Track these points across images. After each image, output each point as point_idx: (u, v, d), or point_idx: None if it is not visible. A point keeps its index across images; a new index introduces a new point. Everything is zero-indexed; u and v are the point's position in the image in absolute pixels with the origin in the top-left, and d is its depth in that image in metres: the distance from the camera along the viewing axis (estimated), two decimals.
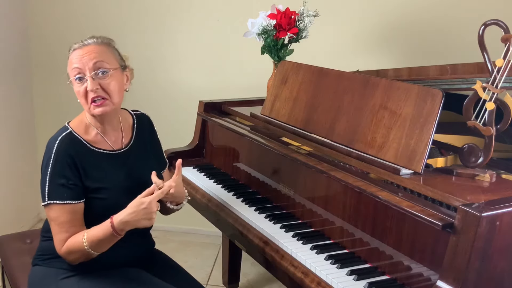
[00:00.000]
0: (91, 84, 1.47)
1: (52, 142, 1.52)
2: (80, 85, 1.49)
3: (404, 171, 1.46)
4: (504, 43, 1.43)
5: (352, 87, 1.73)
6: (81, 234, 1.47)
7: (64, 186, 1.47)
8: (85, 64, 1.48)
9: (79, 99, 1.53)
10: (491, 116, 1.43)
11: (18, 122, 3.19)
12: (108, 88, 1.49)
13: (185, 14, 3.04)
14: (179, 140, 2.48)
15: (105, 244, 1.46)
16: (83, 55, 1.49)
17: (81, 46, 1.52)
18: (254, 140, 1.97)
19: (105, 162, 1.56)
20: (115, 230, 1.42)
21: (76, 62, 1.49)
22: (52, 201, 1.47)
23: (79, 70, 1.49)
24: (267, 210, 1.81)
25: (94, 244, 1.45)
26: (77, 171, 1.49)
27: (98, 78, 1.49)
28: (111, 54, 1.54)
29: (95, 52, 1.50)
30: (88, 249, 1.45)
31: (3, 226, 2.82)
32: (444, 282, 1.18)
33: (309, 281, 1.43)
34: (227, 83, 3.03)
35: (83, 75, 1.48)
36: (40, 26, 3.21)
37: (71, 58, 1.52)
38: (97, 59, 1.49)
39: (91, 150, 1.55)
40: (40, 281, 1.58)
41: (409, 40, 2.73)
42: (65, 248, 1.48)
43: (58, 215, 1.48)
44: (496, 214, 1.17)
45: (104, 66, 1.49)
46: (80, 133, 1.55)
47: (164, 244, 1.79)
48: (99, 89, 1.48)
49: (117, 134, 1.63)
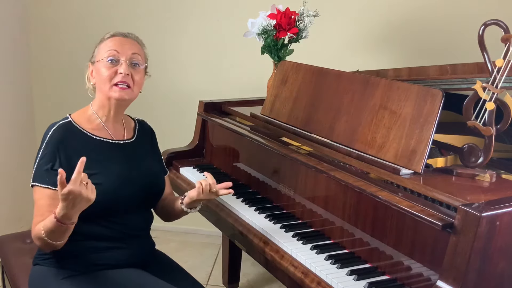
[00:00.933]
0: (125, 68, 1.55)
1: (49, 128, 1.56)
2: (109, 67, 1.55)
3: (404, 171, 1.46)
4: (504, 43, 1.43)
5: (352, 87, 1.73)
6: (42, 222, 1.42)
7: (48, 171, 1.49)
8: (124, 51, 1.57)
9: (98, 80, 1.57)
10: (491, 116, 1.43)
11: (18, 122, 3.19)
12: (135, 78, 1.58)
13: (185, 14, 3.04)
14: (179, 140, 2.49)
15: (59, 235, 1.40)
16: (124, 43, 1.59)
17: (123, 35, 1.62)
18: (254, 140, 1.97)
19: (103, 149, 1.58)
20: (60, 222, 1.35)
21: (115, 46, 1.57)
22: (35, 183, 1.50)
23: (116, 53, 1.56)
24: (267, 210, 1.81)
25: (48, 233, 1.39)
26: (67, 160, 1.49)
27: (131, 66, 1.57)
28: (144, 53, 1.65)
29: (135, 45, 1.61)
30: (46, 238, 1.40)
31: (3, 226, 2.82)
32: (444, 282, 1.18)
33: (309, 281, 1.43)
34: (227, 83, 3.03)
35: (117, 58, 1.56)
36: (40, 26, 3.22)
37: (109, 41, 1.59)
38: (135, 52, 1.59)
39: (89, 137, 1.57)
40: (40, 280, 1.58)
41: (409, 40, 2.73)
42: (33, 234, 1.47)
43: (38, 197, 1.49)
44: (496, 214, 1.17)
45: (139, 60, 1.60)
46: (80, 122, 1.59)
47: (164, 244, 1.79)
48: (129, 75, 1.56)
49: (119, 128, 1.66)
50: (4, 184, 3.03)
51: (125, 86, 1.55)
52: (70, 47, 3.17)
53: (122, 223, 1.57)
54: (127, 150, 1.64)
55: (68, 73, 3.18)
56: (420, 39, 2.70)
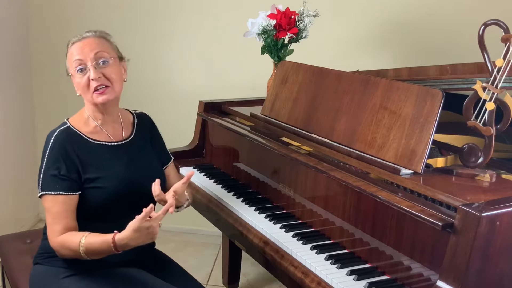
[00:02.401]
0: (94, 73, 1.52)
1: (49, 136, 1.56)
2: (81, 76, 1.54)
3: (404, 171, 1.46)
4: (504, 43, 1.43)
5: (352, 87, 1.73)
6: (79, 235, 1.46)
7: (56, 177, 1.50)
8: (87, 55, 1.53)
9: (80, 91, 1.56)
10: (491, 116, 1.43)
11: (18, 122, 3.19)
12: (110, 76, 1.55)
13: (185, 14, 3.04)
14: (179, 140, 2.48)
15: (100, 255, 1.46)
16: (84, 47, 1.55)
17: (80, 39, 1.57)
18: (254, 140, 1.97)
19: (103, 152, 1.59)
20: (115, 248, 1.41)
21: (77, 54, 1.54)
22: (45, 192, 1.50)
23: (80, 61, 1.54)
24: (267, 210, 1.81)
25: (90, 251, 1.45)
26: (71, 164, 1.51)
27: (99, 67, 1.54)
28: (109, 45, 1.60)
29: (95, 43, 1.56)
30: (82, 254, 1.45)
31: (3, 226, 2.82)
32: (444, 282, 1.18)
33: (309, 281, 1.43)
34: (227, 83, 3.03)
35: (84, 66, 1.53)
36: (40, 26, 3.21)
37: (71, 51, 1.57)
38: (97, 50, 1.54)
39: (89, 142, 1.58)
40: (41, 279, 1.59)
41: (409, 40, 2.73)
42: (60, 242, 1.48)
43: (50, 205, 1.50)
44: (496, 214, 1.17)
45: (104, 56, 1.56)
46: (79, 127, 1.59)
47: (164, 244, 1.79)
48: (102, 77, 1.54)
49: (117, 127, 1.66)
50: (4, 184, 3.03)
51: (103, 88, 1.54)
52: None
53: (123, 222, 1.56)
54: (127, 150, 1.64)
55: None
56: (420, 39, 2.69)
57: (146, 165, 1.65)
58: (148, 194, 1.64)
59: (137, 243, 1.41)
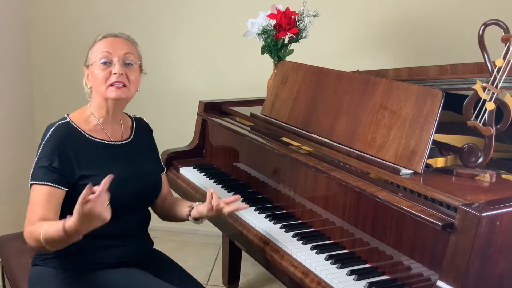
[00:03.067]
0: (118, 68, 1.55)
1: (48, 128, 1.56)
2: (104, 68, 1.55)
3: (404, 171, 1.46)
4: (504, 43, 1.43)
5: (352, 87, 1.73)
6: (43, 224, 1.39)
7: (47, 168, 1.49)
8: (116, 51, 1.56)
9: (95, 83, 1.57)
10: (491, 116, 1.43)
11: (18, 122, 3.19)
12: (131, 78, 1.58)
13: (185, 14, 3.04)
14: (179, 140, 2.48)
15: (60, 245, 1.39)
16: (115, 44, 1.58)
17: (113, 35, 1.61)
18: (254, 140, 1.97)
19: (101, 150, 1.58)
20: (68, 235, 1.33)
21: (106, 47, 1.57)
22: (33, 181, 1.49)
23: (108, 54, 1.56)
24: (267, 210, 1.81)
25: (49, 241, 1.37)
26: (66, 159, 1.50)
27: (124, 66, 1.57)
28: (137, 52, 1.65)
29: (126, 44, 1.61)
30: (44, 244, 1.38)
31: (3, 226, 2.82)
32: (444, 282, 1.18)
33: (309, 281, 1.43)
34: (227, 83, 3.03)
35: (110, 60, 1.56)
36: (40, 26, 3.21)
37: (101, 43, 1.59)
38: (127, 51, 1.59)
39: (87, 139, 1.58)
40: (39, 281, 1.58)
41: (409, 40, 2.73)
42: (28, 231, 1.42)
43: (35, 196, 1.47)
44: (496, 214, 1.17)
45: (131, 59, 1.59)
46: (78, 122, 1.59)
47: (164, 244, 1.79)
48: (123, 75, 1.56)
49: (117, 128, 1.66)
50: (4, 184, 3.03)
51: (121, 85, 1.55)
52: (70, 47, 3.16)
53: (120, 222, 1.55)
54: (125, 151, 1.64)
55: (68, 73, 3.18)
56: (420, 39, 2.70)
57: (143, 166, 1.65)
58: (144, 195, 1.64)
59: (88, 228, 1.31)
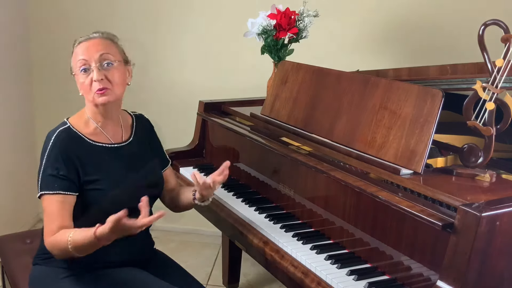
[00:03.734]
0: (97, 74, 1.52)
1: (49, 136, 1.56)
2: (85, 77, 1.54)
3: (404, 171, 1.46)
4: (504, 43, 1.43)
5: (352, 87, 1.73)
6: (67, 232, 1.44)
7: (55, 176, 1.49)
8: (91, 56, 1.53)
9: (82, 91, 1.57)
10: (491, 116, 1.43)
11: (18, 122, 3.19)
12: (113, 79, 1.55)
13: (185, 15, 3.04)
14: (179, 140, 2.48)
15: (88, 250, 1.43)
16: (89, 47, 1.55)
17: (86, 39, 1.58)
18: (254, 140, 1.97)
19: (103, 154, 1.58)
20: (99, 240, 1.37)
21: (82, 54, 1.54)
22: (44, 191, 1.50)
23: (84, 61, 1.53)
24: (267, 210, 1.81)
25: (77, 247, 1.42)
26: (71, 165, 1.51)
27: (103, 69, 1.54)
28: (115, 48, 1.60)
29: (101, 45, 1.56)
30: (72, 250, 1.43)
31: (3, 226, 2.82)
32: (444, 282, 1.18)
33: (309, 281, 1.43)
34: (227, 83, 3.03)
35: (88, 66, 1.53)
36: (40, 26, 3.21)
37: (77, 51, 1.57)
38: (103, 51, 1.54)
39: (89, 143, 1.57)
40: (40, 280, 1.59)
41: (409, 40, 2.73)
42: (51, 241, 1.47)
43: (48, 205, 1.49)
44: (496, 214, 1.17)
45: (109, 58, 1.55)
46: (79, 127, 1.58)
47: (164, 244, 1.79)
48: (104, 79, 1.53)
49: (117, 129, 1.66)
50: (4, 184, 3.03)
51: (103, 91, 1.53)
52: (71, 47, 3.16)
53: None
54: (126, 152, 1.64)
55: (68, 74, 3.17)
56: (420, 39, 2.70)
57: (144, 167, 1.65)
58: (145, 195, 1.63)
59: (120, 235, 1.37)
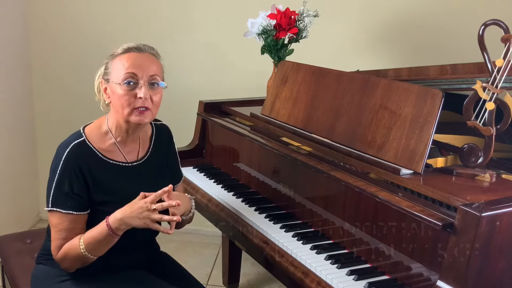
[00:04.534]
0: (145, 92, 1.44)
1: (63, 148, 1.47)
2: (127, 90, 1.44)
3: (404, 171, 1.46)
4: (504, 43, 1.43)
5: (352, 87, 1.73)
6: (76, 238, 1.44)
7: (68, 195, 1.45)
8: (144, 73, 1.45)
9: (117, 103, 1.46)
10: (491, 116, 1.43)
11: (19, 122, 3.19)
12: (155, 100, 1.47)
13: (185, 14, 3.04)
14: (179, 140, 2.47)
15: (101, 246, 1.43)
16: (142, 63, 1.46)
17: (138, 51, 1.49)
18: (254, 140, 1.97)
19: (116, 174, 1.52)
20: (110, 229, 1.39)
21: (133, 67, 1.44)
22: (55, 208, 1.45)
23: (133, 75, 1.44)
24: (267, 210, 1.81)
25: (91, 246, 1.42)
26: (84, 183, 1.46)
27: (150, 87, 1.46)
28: (162, 70, 1.53)
29: (153, 64, 1.49)
30: (85, 252, 1.42)
31: (3, 226, 2.82)
32: (444, 282, 1.18)
33: (309, 281, 1.43)
34: (227, 83, 3.03)
35: (136, 81, 1.45)
36: (41, 26, 3.21)
37: (124, 59, 1.46)
38: (155, 72, 1.47)
39: (103, 161, 1.50)
40: (42, 279, 1.58)
41: (409, 40, 2.73)
42: (61, 254, 1.46)
43: (59, 222, 1.46)
44: (496, 214, 1.17)
45: (158, 80, 1.48)
46: (94, 141, 1.50)
47: (164, 244, 1.78)
48: (149, 99, 1.45)
49: (135, 146, 1.58)
50: (4, 184, 3.03)
51: (144, 110, 1.45)
52: (71, 47, 3.16)
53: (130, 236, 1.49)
54: (140, 170, 1.57)
55: (68, 74, 3.18)
56: (420, 39, 2.69)
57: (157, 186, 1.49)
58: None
59: (130, 223, 1.38)
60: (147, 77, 1.45)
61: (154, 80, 1.47)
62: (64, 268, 1.50)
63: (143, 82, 1.44)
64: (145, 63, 1.46)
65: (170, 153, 1.70)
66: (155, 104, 1.48)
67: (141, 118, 1.46)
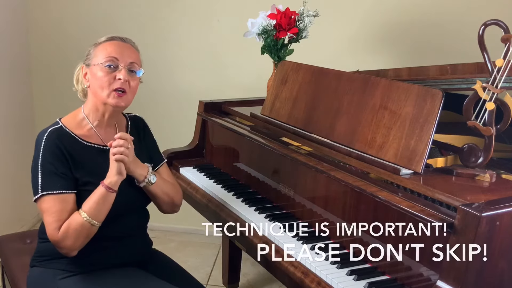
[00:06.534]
0: (124, 74, 1.55)
1: (41, 135, 1.55)
2: (107, 73, 1.54)
3: (404, 171, 1.46)
4: (504, 43, 1.43)
5: (352, 87, 1.73)
6: (75, 213, 1.48)
7: (56, 175, 1.49)
8: (123, 58, 1.56)
9: (97, 84, 1.55)
10: (491, 116, 1.43)
11: (18, 122, 3.19)
12: (132, 85, 1.58)
13: (185, 14, 3.04)
14: (179, 140, 2.48)
15: (102, 206, 1.47)
16: (123, 50, 1.58)
17: (121, 40, 1.61)
18: (254, 140, 1.97)
19: (95, 156, 1.57)
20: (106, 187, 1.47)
21: (114, 52, 1.56)
22: (46, 192, 1.48)
23: (114, 59, 1.55)
24: (267, 210, 1.81)
25: (92, 210, 1.46)
26: (66, 162, 1.51)
27: (129, 74, 1.56)
28: (140, 61, 1.63)
29: (133, 53, 1.61)
30: (87, 218, 1.45)
31: (3, 226, 2.82)
32: (444, 282, 1.18)
33: (309, 281, 1.43)
34: (227, 83, 3.03)
35: (116, 65, 1.55)
36: (40, 26, 3.21)
37: (108, 45, 1.57)
38: (134, 60, 1.59)
39: (81, 144, 1.57)
40: (38, 282, 1.58)
41: (409, 40, 2.72)
42: (62, 231, 1.46)
43: (51, 205, 1.48)
44: (496, 214, 1.17)
45: (136, 68, 1.59)
46: (71, 127, 1.58)
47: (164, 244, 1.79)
48: (127, 82, 1.55)
49: (111, 131, 1.64)
50: (4, 184, 3.03)
51: (121, 93, 1.54)
52: (70, 47, 3.16)
53: (118, 224, 1.56)
54: None
55: (68, 74, 3.16)
56: (420, 39, 2.69)
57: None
58: (140, 196, 1.63)
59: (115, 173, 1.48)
60: (127, 63, 1.56)
61: (133, 68, 1.58)
62: (66, 251, 1.49)
63: (123, 66, 1.55)
64: (126, 51, 1.58)
65: (147, 137, 1.76)
66: (132, 89, 1.58)
67: (118, 101, 1.55)
